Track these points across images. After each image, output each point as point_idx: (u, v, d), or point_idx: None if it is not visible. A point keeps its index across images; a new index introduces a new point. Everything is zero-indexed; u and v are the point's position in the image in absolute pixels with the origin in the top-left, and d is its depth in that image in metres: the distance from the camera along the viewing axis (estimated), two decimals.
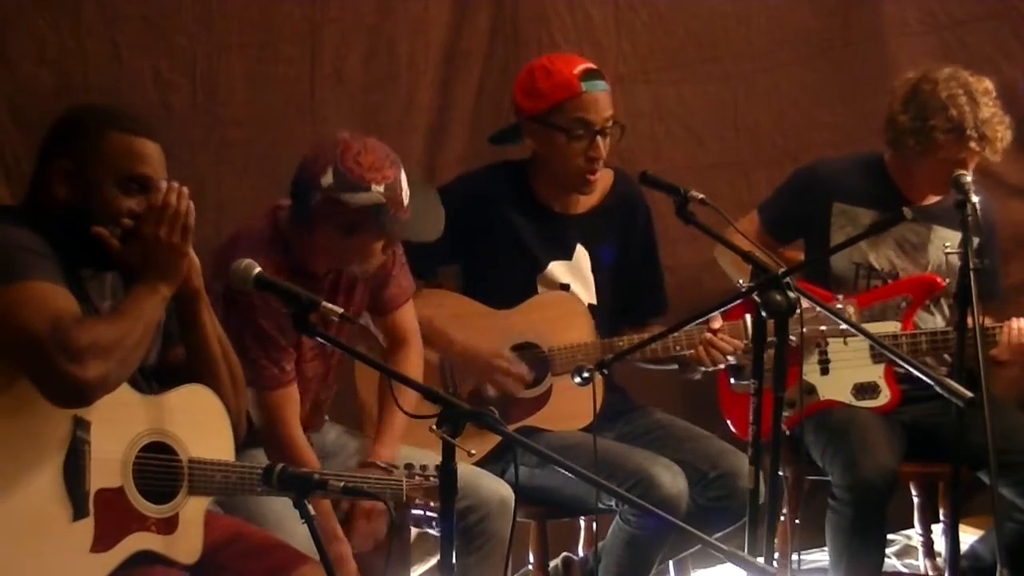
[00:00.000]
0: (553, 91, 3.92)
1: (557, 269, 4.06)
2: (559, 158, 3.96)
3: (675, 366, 4.00)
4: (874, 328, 4.04)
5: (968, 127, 4.10)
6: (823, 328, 3.88)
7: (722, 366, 3.95)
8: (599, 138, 3.93)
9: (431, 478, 3.28)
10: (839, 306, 3.89)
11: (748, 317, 3.78)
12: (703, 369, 3.95)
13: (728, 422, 4.24)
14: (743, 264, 3.24)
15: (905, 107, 4.19)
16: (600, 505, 3.86)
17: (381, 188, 3.40)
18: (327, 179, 3.41)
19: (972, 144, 4.10)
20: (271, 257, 3.43)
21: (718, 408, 4.25)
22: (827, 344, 4.09)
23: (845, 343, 4.05)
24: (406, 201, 3.45)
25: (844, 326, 3.82)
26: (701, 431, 4.05)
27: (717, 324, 3.91)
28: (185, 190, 2.93)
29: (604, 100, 3.95)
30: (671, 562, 4.20)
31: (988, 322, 4.18)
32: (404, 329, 3.80)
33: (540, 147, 3.99)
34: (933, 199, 4.32)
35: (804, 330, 3.76)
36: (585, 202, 4.10)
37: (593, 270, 4.10)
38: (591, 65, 3.97)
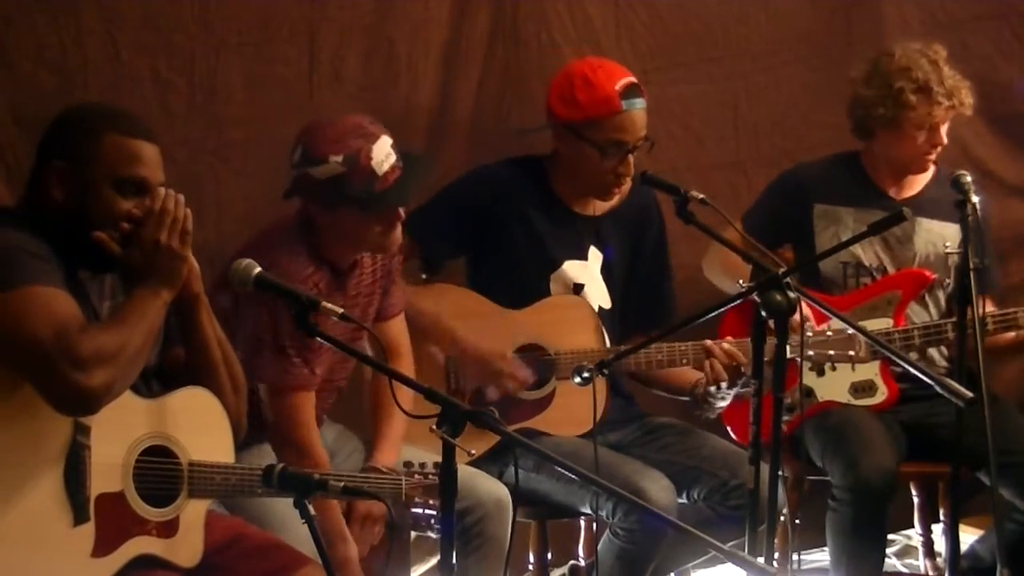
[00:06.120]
0: (592, 105, 3.87)
1: (572, 268, 4.05)
2: (587, 169, 3.93)
3: (687, 397, 3.97)
4: (867, 325, 4.03)
5: (935, 84, 4.13)
6: (832, 352, 3.85)
7: (729, 395, 3.89)
8: (630, 156, 3.91)
9: (430, 476, 3.28)
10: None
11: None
12: (714, 403, 3.89)
13: (728, 428, 4.23)
14: (735, 270, 3.25)
15: (868, 82, 4.23)
16: (593, 511, 3.85)
17: (339, 158, 3.44)
18: (296, 156, 3.51)
19: (942, 99, 4.14)
20: (296, 248, 3.49)
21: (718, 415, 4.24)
22: (835, 369, 4.08)
23: (852, 369, 4.04)
24: (380, 171, 3.46)
25: (852, 352, 3.82)
26: (717, 439, 4.03)
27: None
28: (181, 197, 2.93)
29: (640, 119, 3.91)
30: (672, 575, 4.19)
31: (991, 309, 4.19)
32: (396, 341, 3.79)
33: (568, 154, 3.96)
34: (913, 191, 4.33)
35: (812, 353, 3.76)
36: (602, 204, 4.08)
37: (602, 273, 4.09)
38: (632, 79, 3.91)
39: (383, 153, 3.47)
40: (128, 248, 2.89)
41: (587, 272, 4.06)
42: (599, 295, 4.07)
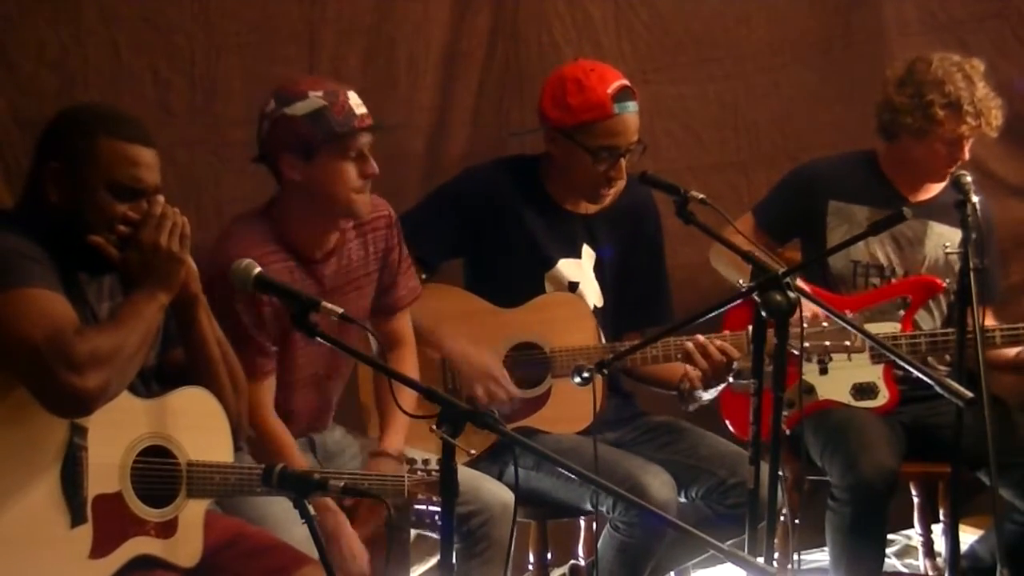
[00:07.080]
0: (584, 109, 3.86)
1: (566, 267, 4.04)
2: (579, 172, 3.92)
3: (673, 391, 3.97)
4: (873, 329, 4.03)
5: (965, 103, 4.12)
6: (827, 343, 3.85)
7: (718, 389, 3.89)
8: (622, 159, 3.90)
9: (432, 473, 3.28)
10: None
11: (751, 329, 3.75)
12: (702, 396, 3.89)
13: (727, 422, 4.23)
14: (741, 265, 3.24)
15: (901, 88, 4.20)
16: (594, 507, 3.84)
17: (319, 93, 3.45)
18: (269, 106, 3.48)
19: (969, 119, 4.12)
20: (263, 236, 3.46)
21: (717, 410, 4.24)
22: (831, 359, 4.08)
23: (849, 359, 4.03)
24: (358, 112, 3.47)
25: (848, 342, 3.82)
26: (716, 437, 4.03)
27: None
28: (177, 210, 2.93)
29: (633, 123, 3.90)
30: (672, 574, 4.18)
31: (991, 323, 4.19)
32: (402, 332, 3.79)
33: (560, 156, 3.95)
34: (928, 195, 4.33)
35: (807, 344, 3.75)
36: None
37: (595, 271, 4.09)
38: (624, 82, 3.89)
39: (357, 100, 3.50)
40: (126, 251, 2.89)
41: (581, 270, 4.06)
42: (593, 293, 4.07)
